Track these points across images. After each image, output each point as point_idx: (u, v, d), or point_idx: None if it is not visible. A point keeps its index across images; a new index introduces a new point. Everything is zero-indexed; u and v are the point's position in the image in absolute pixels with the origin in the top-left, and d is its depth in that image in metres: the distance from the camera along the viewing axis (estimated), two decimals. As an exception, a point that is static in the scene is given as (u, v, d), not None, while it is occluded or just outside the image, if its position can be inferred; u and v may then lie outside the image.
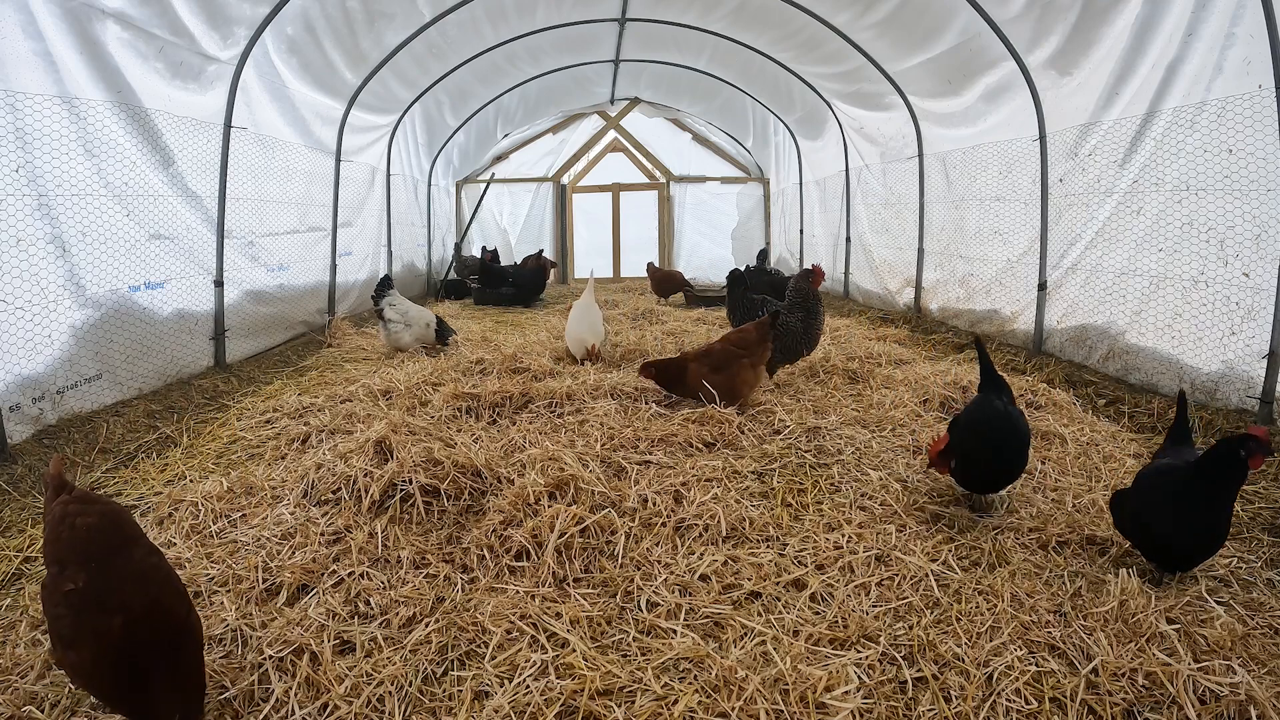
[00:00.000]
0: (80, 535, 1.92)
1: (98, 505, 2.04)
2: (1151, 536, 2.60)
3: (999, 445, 3.07)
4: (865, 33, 7.67)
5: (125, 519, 2.08)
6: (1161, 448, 2.93)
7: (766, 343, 4.71)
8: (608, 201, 13.93)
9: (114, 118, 4.77)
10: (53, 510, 2.01)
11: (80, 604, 1.81)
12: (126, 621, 1.79)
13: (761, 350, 4.68)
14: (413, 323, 6.60)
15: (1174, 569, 2.66)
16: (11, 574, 2.84)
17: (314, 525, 3.12)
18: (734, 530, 3.07)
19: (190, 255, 5.63)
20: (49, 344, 4.28)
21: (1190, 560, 2.60)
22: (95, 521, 1.96)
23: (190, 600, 2.03)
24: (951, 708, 2.07)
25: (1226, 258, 4.42)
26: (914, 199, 8.39)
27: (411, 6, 7.38)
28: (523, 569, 2.78)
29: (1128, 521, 2.71)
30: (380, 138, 9.51)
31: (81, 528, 1.93)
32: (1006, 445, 3.07)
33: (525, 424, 4.39)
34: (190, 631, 1.93)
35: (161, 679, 1.81)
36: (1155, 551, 2.63)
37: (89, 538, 1.92)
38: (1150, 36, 4.87)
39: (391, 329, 6.60)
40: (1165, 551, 2.59)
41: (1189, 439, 2.87)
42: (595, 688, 2.11)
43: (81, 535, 1.92)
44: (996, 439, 3.08)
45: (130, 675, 1.78)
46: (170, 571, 2.05)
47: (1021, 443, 3.11)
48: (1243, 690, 2.04)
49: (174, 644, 1.86)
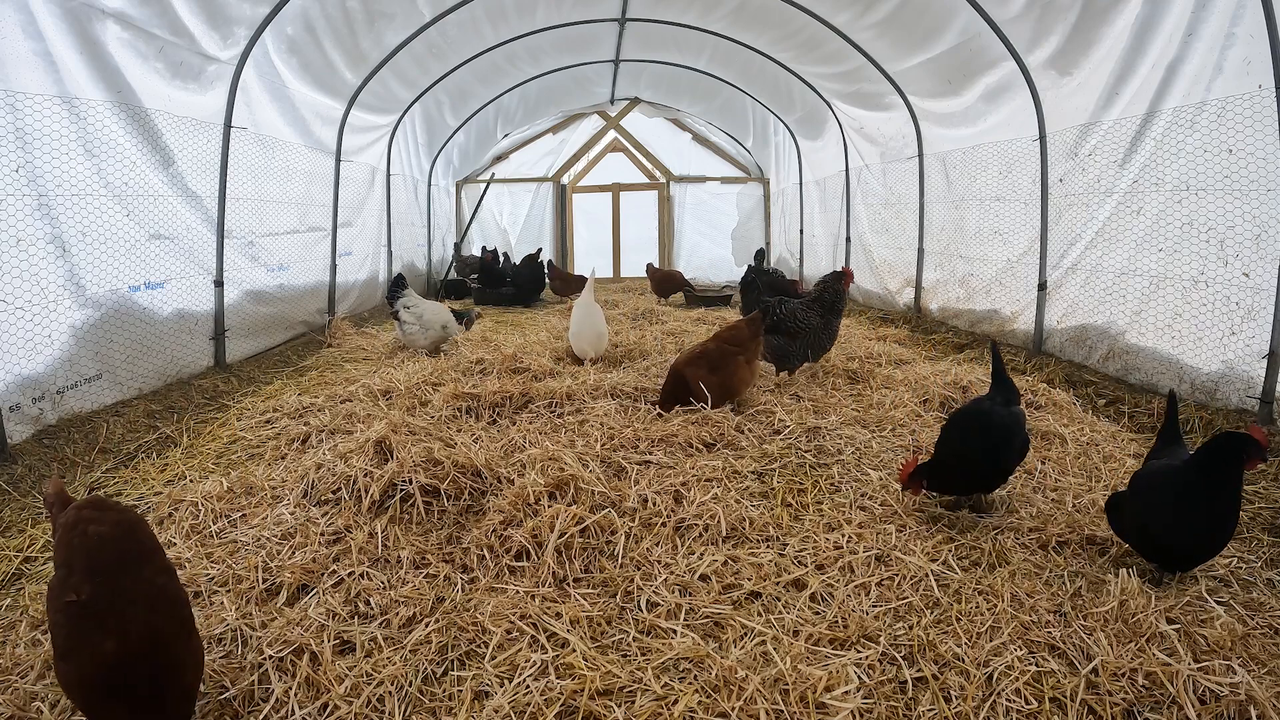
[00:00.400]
0: (91, 544, 1.84)
1: (112, 514, 1.95)
2: (1151, 538, 2.59)
3: (975, 442, 3.09)
4: (865, 33, 7.67)
5: (140, 532, 1.97)
6: (1154, 448, 2.93)
7: (759, 339, 4.78)
8: (608, 201, 13.92)
9: (114, 118, 4.77)
10: (67, 514, 1.93)
11: (79, 618, 1.75)
12: (120, 647, 1.72)
13: (755, 346, 4.73)
14: (429, 325, 6.58)
15: (1175, 569, 2.65)
16: (11, 574, 2.84)
17: (314, 525, 3.12)
18: (734, 530, 3.07)
19: (190, 255, 5.63)
20: (49, 344, 4.27)
21: (1192, 560, 2.59)
22: (108, 531, 1.87)
23: (193, 626, 1.94)
24: (951, 708, 2.07)
25: (1226, 258, 4.42)
26: (914, 199, 8.39)
27: (411, 6, 7.38)
28: (523, 569, 2.78)
29: (1126, 524, 2.70)
30: (380, 138, 9.51)
31: (93, 536, 1.85)
32: (982, 441, 3.08)
33: (525, 424, 4.39)
34: (183, 668, 1.83)
35: (145, 711, 1.75)
36: (1156, 553, 2.62)
37: (99, 548, 1.84)
38: (1150, 36, 4.87)
39: (406, 330, 6.60)
40: (1167, 552, 2.59)
41: (1180, 439, 2.87)
42: (595, 688, 2.11)
43: (92, 544, 1.84)
44: (972, 437, 3.10)
45: (114, 701, 1.72)
46: (178, 595, 1.95)
47: (996, 441, 3.10)
48: (1243, 690, 2.04)
49: (166, 678, 1.79)
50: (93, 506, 1.95)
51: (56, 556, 1.91)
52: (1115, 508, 2.77)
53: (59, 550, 1.90)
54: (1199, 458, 2.49)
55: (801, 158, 11.90)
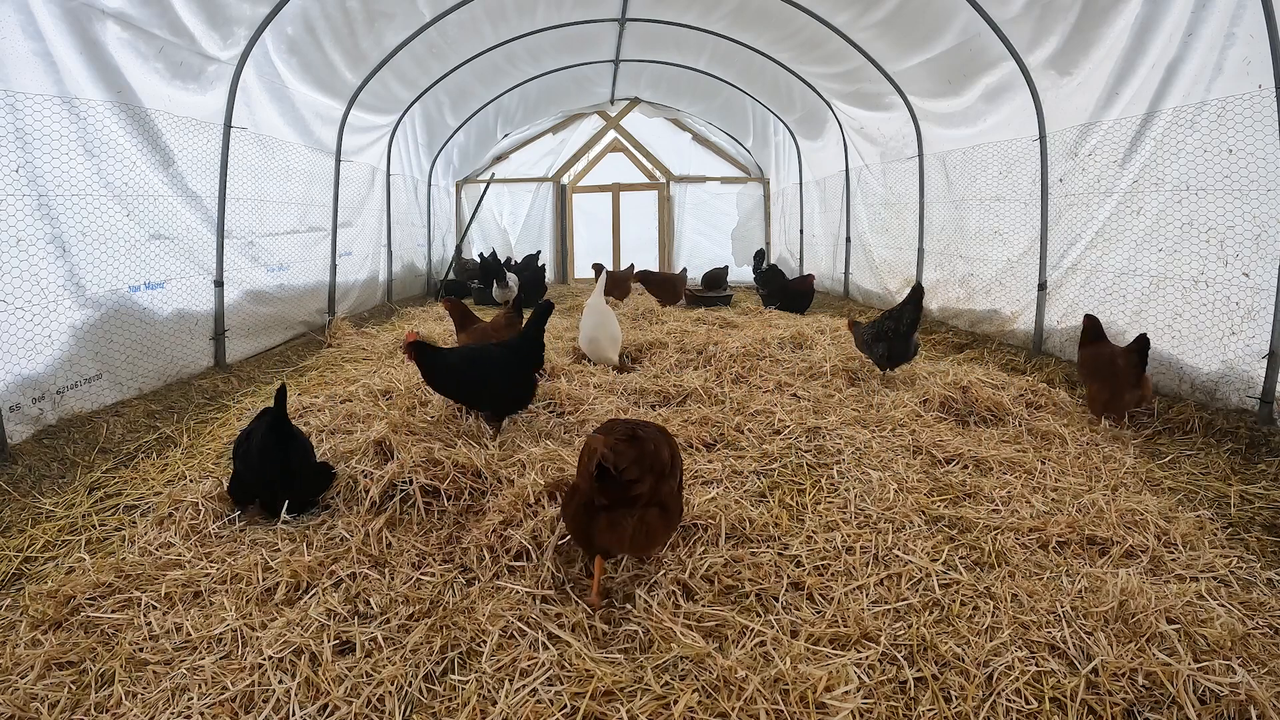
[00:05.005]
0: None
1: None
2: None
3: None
4: (865, 33, 7.67)
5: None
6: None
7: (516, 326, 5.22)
8: (608, 201, 13.92)
9: (114, 118, 4.77)
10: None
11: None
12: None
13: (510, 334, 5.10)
14: None
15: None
16: (12, 574, 2.84)
17: (314, 525, 3.12)
18: (734, 530, 3.06)
19: (190, 255, 5.63)
20: (49, 344, 4.28)
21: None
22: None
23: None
24: (951, 708, 2.07)
25: (1226, 258, 4.42)
26: (914, 199, 8.39)
27: (411, 6, 7.38)
28: (523, 569, 2.78)
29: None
30: (380, 138, 9.51)
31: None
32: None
33: (525, 424, 4.39)
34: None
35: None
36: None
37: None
38: (1150, 36, 4.87)
39: None
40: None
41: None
42: (595, 688, 2.11)
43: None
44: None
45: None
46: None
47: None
48: (1243, 690, 2.04)
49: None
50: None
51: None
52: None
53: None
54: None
55: (801, 158, 11.91)
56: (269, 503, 3.18)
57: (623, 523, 2.44)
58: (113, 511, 3.40)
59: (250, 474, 3.17)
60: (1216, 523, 3.15)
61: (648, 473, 2.41)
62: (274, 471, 3.13)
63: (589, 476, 2.42)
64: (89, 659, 2.29)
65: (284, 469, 3.13)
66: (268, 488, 3.17)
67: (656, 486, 2.47)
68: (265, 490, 3.18)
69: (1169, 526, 3.03)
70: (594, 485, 2.40)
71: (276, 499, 3.16)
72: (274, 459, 3.11)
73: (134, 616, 2.50)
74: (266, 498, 3.19)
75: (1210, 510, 3.27)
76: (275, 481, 3.14)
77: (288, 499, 3.16)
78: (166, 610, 2.54)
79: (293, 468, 3.15)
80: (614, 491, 2.40)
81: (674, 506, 2.60)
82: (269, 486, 3.16)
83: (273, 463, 3.12)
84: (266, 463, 3.11)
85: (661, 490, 2.50)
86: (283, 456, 3.12)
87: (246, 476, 3.19)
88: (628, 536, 2.46)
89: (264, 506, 3.22)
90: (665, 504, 2.53)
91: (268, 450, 3.10)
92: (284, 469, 3.13)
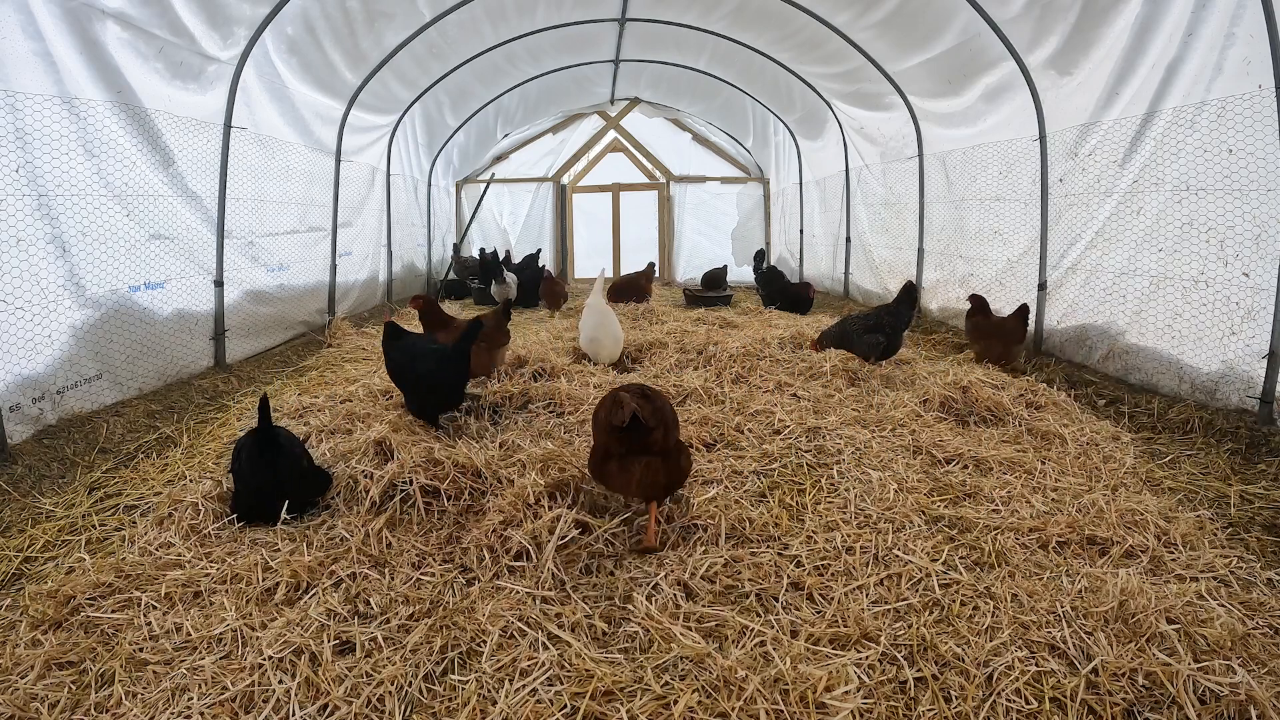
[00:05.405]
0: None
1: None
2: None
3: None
4: (865, 33, 7.67)
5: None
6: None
7: (503, 328, 5.33)
8: (608, 201, 13.92)
9: (114, 118, 4.77)
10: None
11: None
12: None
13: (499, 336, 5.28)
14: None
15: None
16: (12, 574, 2.84)
17: (314, 525, 3.12)
18: (734, 530, 3.06)
19: (190, 255, 5.63)
20: (49, 344, 4.28)
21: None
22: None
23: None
24: (951, 708, 2.07)
25: (1226, 258, 4.42)
26: (914, 199, 8.39)
27: (411, 6, 7.38)
28: (523, 569, 2.78)
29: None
30: (380, 138, 9.51)
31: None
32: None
33: (525, 424, 4.39)
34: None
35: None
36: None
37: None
38: (1150, 36, 4.87)
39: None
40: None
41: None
42: (595, 687, 2.11)
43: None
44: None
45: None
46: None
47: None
48: (1243, 690, 2.04)
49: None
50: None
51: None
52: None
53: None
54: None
55: (801, 158, 11.90)
56: (266, 515, 3.20)
57: (631, 468, 2.87)
58: (113, 511, 3.40)
59: (246, 491, 3.19)
60: (1216, 523, 3.15)
61: (660, 424, 2.86)
62: (266, 484, 3.14)
63: (605, 429, 2.87)
64: (89, 659, 2.29)
65: (275, 481, 3.14)
66: (262, 501, 3.17)
67: (665, 438, 2.88)
68: (261, 502, 3.19)
69: (1169, 526, 3.03)
70: (612, 436, 2.84)
71: (275, 510, 3.16)
72: (263, 473, 3.13)
73: (134, 616, 2.50)
74: (263, 510, 3.20)
75: (1210, 510, 3.27)
76: (269, 494, 3.15)
77: (285, 504, 3.16)
78: (166, 610, 2.54)
79: (283, 479, 3.15)
80: (632, 440, 2.83)
81: (677, 458, 2.98)
82: (263, 499, 3.17)
83: (263, 477, 3.13)
84: (257, 477, 3.13)
85: (668, 441, 2.90)
86: (271, 471, 3.13)
87: (242, 493, 3.21)
88: (635, 481, 2.88)
89: (263, 518, 3.23)
90: (669, 453, 2.93)
91: (256, 466, 3.12)
92: (275, 481, 3.14)
